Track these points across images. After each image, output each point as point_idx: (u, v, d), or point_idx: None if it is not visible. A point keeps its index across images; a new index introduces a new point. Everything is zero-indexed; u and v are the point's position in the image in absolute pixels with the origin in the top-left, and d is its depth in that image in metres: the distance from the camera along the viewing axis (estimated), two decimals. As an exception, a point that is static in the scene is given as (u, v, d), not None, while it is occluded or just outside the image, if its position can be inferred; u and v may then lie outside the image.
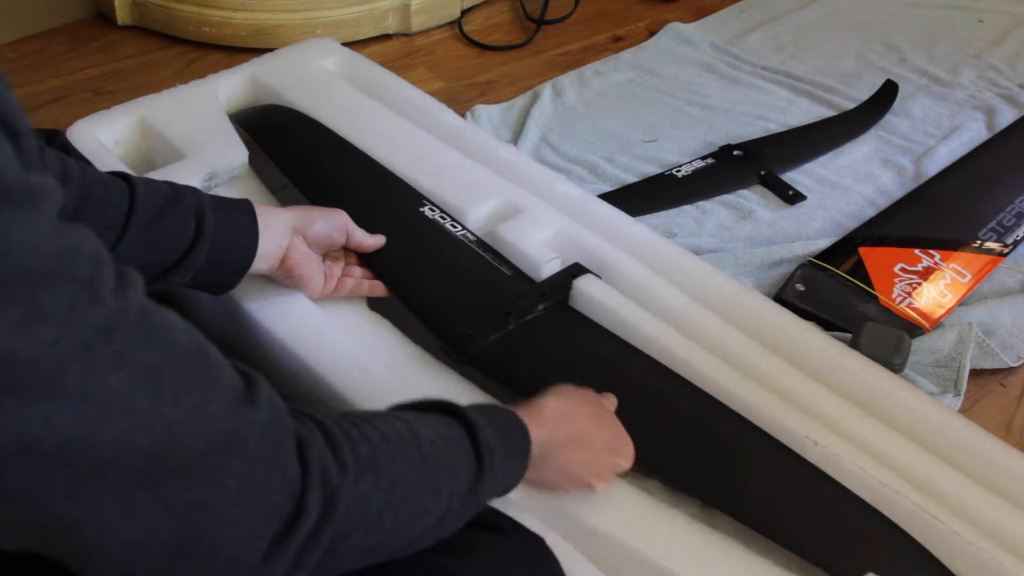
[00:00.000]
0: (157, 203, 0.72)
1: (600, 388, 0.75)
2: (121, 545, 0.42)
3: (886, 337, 0.92)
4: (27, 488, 0.39)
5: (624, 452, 0.70)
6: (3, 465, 0.38)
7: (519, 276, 0.89)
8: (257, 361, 0.82)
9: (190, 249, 0.73)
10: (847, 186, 1.25)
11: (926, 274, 1.09)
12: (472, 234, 0.92)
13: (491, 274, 0.89)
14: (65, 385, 0.38)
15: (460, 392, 0.79)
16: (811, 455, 0.75)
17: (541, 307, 0.85)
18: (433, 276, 0.89)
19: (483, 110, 1.32)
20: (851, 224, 1.18)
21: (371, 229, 0.87)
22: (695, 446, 0.77)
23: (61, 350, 0.38)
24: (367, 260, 0.88)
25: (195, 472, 0.43)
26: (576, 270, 0.89)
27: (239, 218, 0.76)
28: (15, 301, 0.37)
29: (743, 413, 0.78)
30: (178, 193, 0.74)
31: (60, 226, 0.40)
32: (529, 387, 0.77)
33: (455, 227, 0.93)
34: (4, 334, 0.37)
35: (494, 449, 0.57)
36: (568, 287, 0.87)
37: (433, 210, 0.94)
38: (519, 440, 0.62)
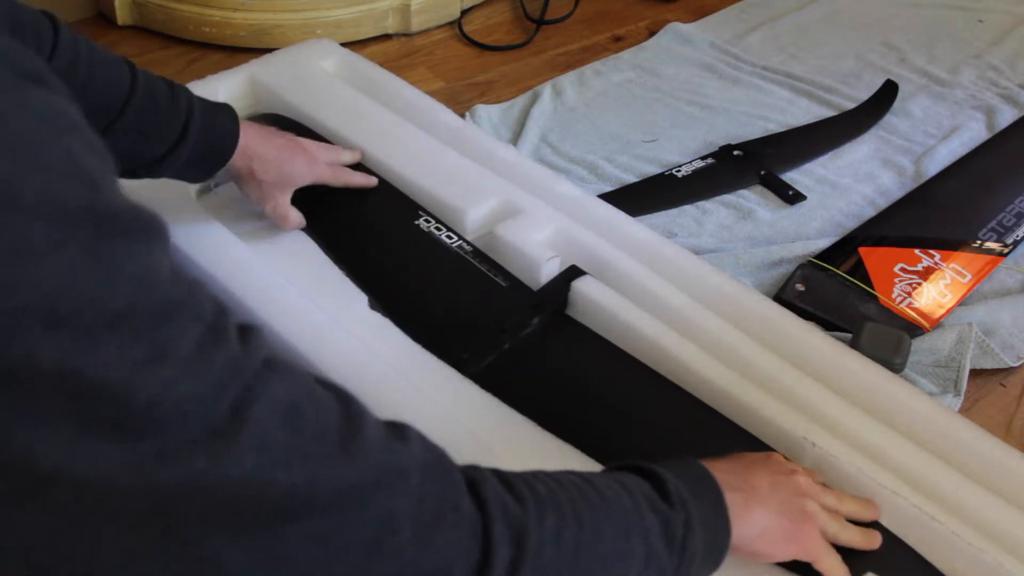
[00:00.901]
0: (153, 96, 0.79)
1: (597, 402, 0.75)
2: None
3: (886, 337, 0.92)
4: (159, 525, 0.37)
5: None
6: (124, 499, 0.36)
7: (515, 286, 0.89)
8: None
9: (176, 145, 0.80)
10: (847, 186, 1.25)
11: (926, 274, 1.09)
12: (468, 244, 0.92)
13: (486, 288, 0.89)
14: (185, 425, 0.36)
15: (462, 392, 0.79)
16: (809, 456, 0.75)
17: (536, 320, 0.85)
18: (427, 297, 0.89)
19: (483, 110, 1.32)
20: (851, 224, 1.18)
21: (364, 245, 0.88)
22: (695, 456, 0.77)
23: (183, 390, 0.36)
24: (361, 280, 0.88)
25: (355, 510, 0.40)
26: (572, 274, 0.89)
27: (222, 117, 0.86)
28: (139, 338, 0.35)
29: (743, 414, 0.78)
30: (175, 92, 0.82)
31: (176, 267, 0.39)
32: (529, 405, 0.78)
33: (450, 238, 0.93)
34: (123, 370, 0.35)
35: (670, 481, 0.56)
36: (565, 293, 0.87)
37: (428, 221, 0.94)
38: (695, 471, 0.59)
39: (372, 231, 0.92)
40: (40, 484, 0.35)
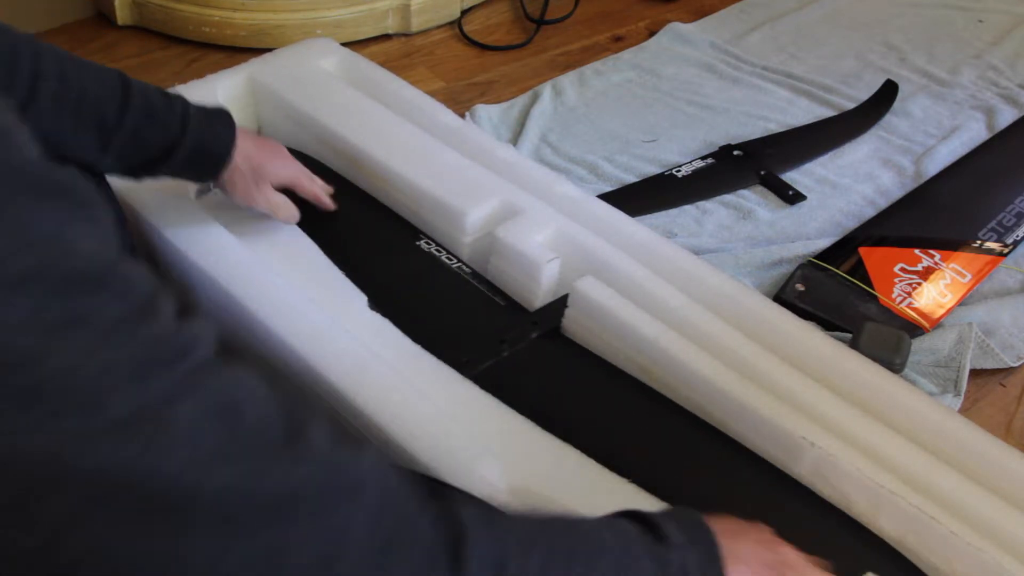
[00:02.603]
0: (149, 110, 0.77)
1: (591, 412, 0.76)
2: None
3: (886, 337, 0.92)
4: (68, 519, 0.34)
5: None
6: (38, 491, 0.33)
7: (512, 306, 0.91)
8: (257, 359, 0.82)
9: (170, 152, 0.79)
10: (847, 186, 1.25)
11: (926, 274, 1.09)
12: (467, 266, 0.94)
13: (486, 304, 0.91)
14: (107, 404, 0.33)
15: (461, 391, 0.79)
16: (808, 456, 0.75)
17: (534, 335, 0.87)
18: (431, 306, 0.91)
19: (483, 110, 1.32)
20: (851, 224, 1.18)
21: (370, 262, 0.91)
22: (684, 471, 0.78)
23: (100, 360, 0.34)
24: (370, 292, 0.89)
25: (302, 521, 0.37)
26: (567, 299, 0.90)
27: (218, 124, 0.83)
28: (49, 304, 0.33)
29: (742, 413, 0.78)
30: (171, 104, 0.79)
31: (110, 245, 0.36)
32: (524, 411, 0.79)
33: (450, 260, 0.94)
34: (32, 334, 0.32)
35: (664, 525, 0.53)
36: (560, 315, 0.88)
37: (428, 244, 0.96)
38: (691, 517, 0.56)
39: (376, 250, 0.94)
40: None
